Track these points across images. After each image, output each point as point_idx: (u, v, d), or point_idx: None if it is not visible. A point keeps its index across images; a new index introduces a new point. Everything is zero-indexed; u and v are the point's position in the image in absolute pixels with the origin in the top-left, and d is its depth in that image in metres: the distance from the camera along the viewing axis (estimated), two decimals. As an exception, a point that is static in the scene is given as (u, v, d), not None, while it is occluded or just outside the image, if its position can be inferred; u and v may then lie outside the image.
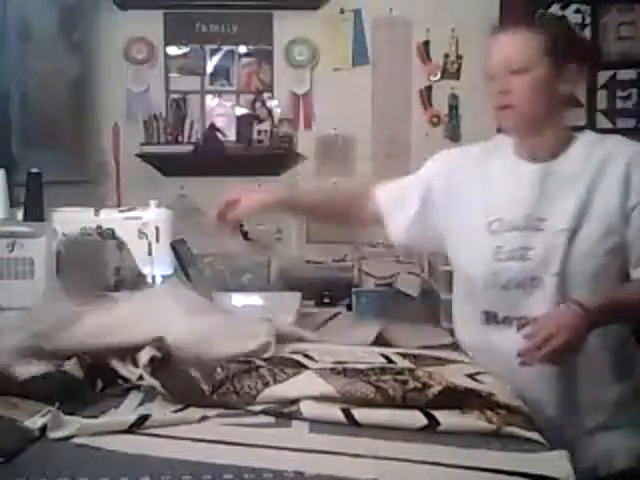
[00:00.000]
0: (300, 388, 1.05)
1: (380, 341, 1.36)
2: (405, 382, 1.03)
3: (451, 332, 1.57)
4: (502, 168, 1.47)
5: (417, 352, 1.25)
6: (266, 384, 1.07)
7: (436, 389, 1.01)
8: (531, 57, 1.37)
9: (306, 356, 1.19)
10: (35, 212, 1.67)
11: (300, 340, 1.32)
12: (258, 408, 1.05)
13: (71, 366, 1.16)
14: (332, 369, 1.10)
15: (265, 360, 1.18)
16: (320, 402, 1.03)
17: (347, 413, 1.00)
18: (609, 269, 1.36)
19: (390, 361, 1.19)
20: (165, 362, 1.15)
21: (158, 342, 1.18)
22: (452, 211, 1.49)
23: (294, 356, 1.20)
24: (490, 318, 1.42)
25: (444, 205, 1.51)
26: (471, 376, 1.11)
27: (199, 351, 1.18)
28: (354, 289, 1.87)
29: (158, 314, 1.30)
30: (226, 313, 1.35)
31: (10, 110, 2.52)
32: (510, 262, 1.39)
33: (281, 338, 1.29)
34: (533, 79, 1.37)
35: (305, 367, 1.13)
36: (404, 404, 1.00)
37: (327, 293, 2.04)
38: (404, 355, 1.22)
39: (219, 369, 1.11)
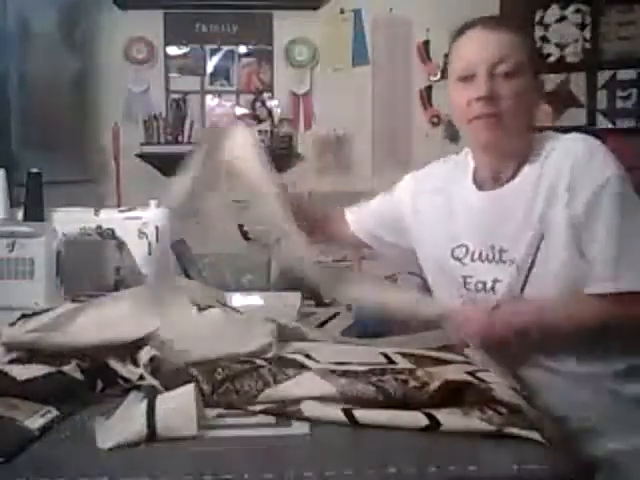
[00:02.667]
0: (301, 388, 1.05)
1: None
2: (405, 381, 1.03)
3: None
4: (463, 194, 1.35)
5: (417, 352, 1.25)
6: (267, 384, 1.07)
7: (436, 384, 1.01)
8: (522, 59, 1.21)
9: (307, 356, 1.19)
10: (35, 212, 1.67)
11: (302, 339, 1.32)
12: (258, 408, 1.05)
13: (71, 367, 1.16)
14: (333, 370, 1.10)
15: (266, 360, 1.18)
16: (321, 402, 1.03)
17: (348, 413, 1.01)
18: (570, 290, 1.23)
19: (390, 361, 1.19)
20: (166, 362, 1.15)
21: (158, 342, 1.18)
22: (419, 229, 1.43)
23: (295, 356, 1.20)
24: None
25: (410, 220, 1.46)
26: (471, 374, 1.11)
27: (201, 350, 1.18)
28: (354, 289, 1.86)
29: (159, 311, 1.30)
30: (228, 312, 1.34)
31: (10, 110, 2.52)
32: (477, 294, 1.30)
33: (284, 336, 1.29)
34: (524, 84, 1.21)
35: (306, 367, 1.13)
36: (405, 402, 1.00)
37: (327, 293, 2.03)
38: (404, 355, 1.22)
39: (219, 369, 1.11)
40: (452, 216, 1.36)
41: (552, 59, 3.29)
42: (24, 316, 1.32)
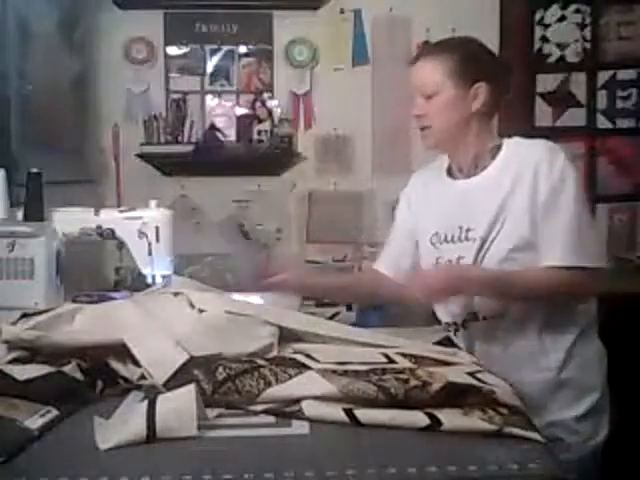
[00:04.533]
0: (302, 388, 1.05)
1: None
2: (406, 381, 1.03)
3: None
4: (437, 187, 1.64)
5: (417, 353, 1.25)
6: (268, 384, 1.07)
7: (437, 385, 1.01)
8: (438, 82, 1.52)
9: (308, 356, 1.19)
10: (35, 212, 1.67)
11: (299, 340, 1.31)
12: (259, 408, 1.06)
13: (71, 367, 1.16)
14: (334, 370, 1.10)
15: (267, 360, 1.18)
16: (322, 402, 1.03)
17: (349, 413, 1.01)
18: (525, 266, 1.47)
19: (391, 361, 1.19)
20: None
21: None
22: (415, 228, 1.68)
23: (296, 356, 1.20)
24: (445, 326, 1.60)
25: (412, 224, 1.69)
26: (472, 374, 1.11)
27: (203, 351, 1.18)
28: (354, 289, 1.86)
29: (161, 314, 1.30)
30: (228, 313, 1.34)
31: (10, 110, 2.52)
32: None
33: (283, 337, 1.29)
34: (442, 101, 1.52)
35: (307, 367, 1.13)
36: (406, 402, 1.00)
37: (327, 293, 2.03)
38: (405, 355, 1.22)
39: (221, 368, 1.11)
40: (428, 208, 1.64)
41: (552, 59, 3.28)
42: (25, 315, 1.32)
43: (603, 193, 3.27)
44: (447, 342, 1.43)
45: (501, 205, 1.48)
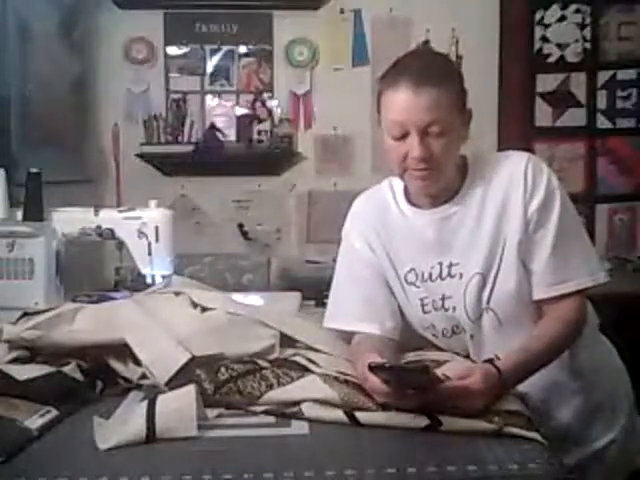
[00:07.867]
0: (303, 391, 1.05)
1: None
2: None
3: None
4: (400, 218, 1.34)
5: (415, 357, 1.25)
6: (270, 386, 1.07)
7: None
8: (450, 114, 1.20)
9: (309, 360, 1.18)
10: (35, 212, 1.67)
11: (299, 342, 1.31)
12: (260, 409, 1.06)
13: (71, 367, 1.16)
14: (335, 377, 1.09)
15: (269, 361, 1.18)
16: (322, 405, 1.03)
17: (349, 414, 1.01)
18: (530, 294, 1.26)
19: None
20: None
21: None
22: (384, 271, 1.35)
23: (297, 359, 1.19)
24: None
25: (380, 267, 1.36)
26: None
27: (205, 350, 1.18)
28: (354, 289, 1.86)
29: (162, 314, 1.30)
30: (230, 314, 1.34)
31: (10, 110, 2.52)
32: (436, 312, 1.30)
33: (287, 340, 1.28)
34: (454, 138, 1.22)
35: (309, 371, 1.13)
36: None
37: (327, 293, 2.03)
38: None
39: (223, 369, 1.11)
40: (400, 242, 1.34)
41: (552, 59, 3.28)
42: (26, 314, 1.32)
43: (603, 193, 3.27)
44: None
45: (494, 234, 1.26)
